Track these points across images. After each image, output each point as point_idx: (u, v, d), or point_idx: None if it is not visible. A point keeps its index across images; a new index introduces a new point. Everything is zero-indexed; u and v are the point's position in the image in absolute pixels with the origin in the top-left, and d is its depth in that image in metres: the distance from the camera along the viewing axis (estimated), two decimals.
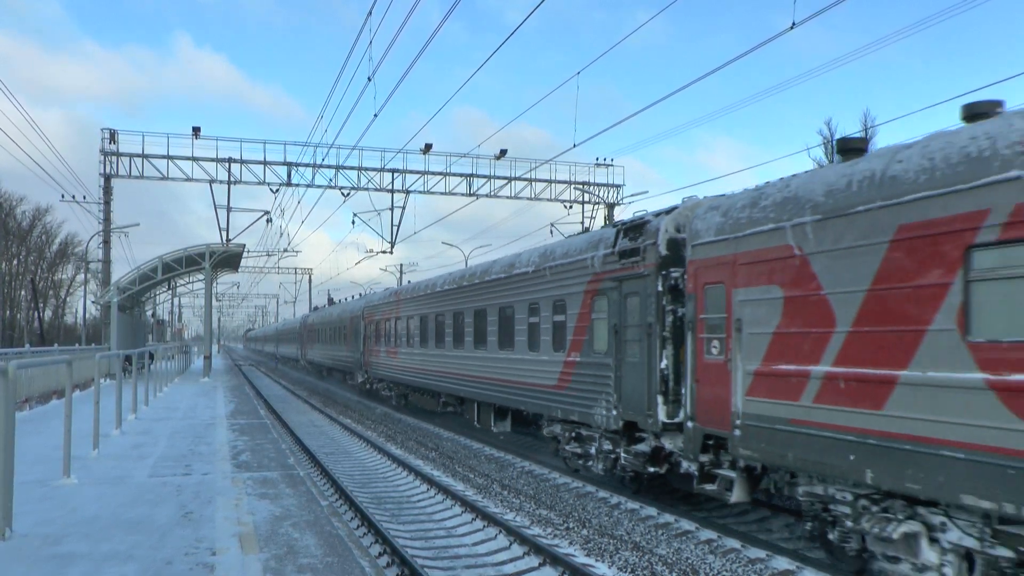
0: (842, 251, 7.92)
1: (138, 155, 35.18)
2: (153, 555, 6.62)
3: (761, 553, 9.15)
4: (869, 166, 7.92)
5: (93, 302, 53.71)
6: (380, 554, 9.53)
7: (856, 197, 7.82)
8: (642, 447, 11.46)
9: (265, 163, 36.16)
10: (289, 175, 36.42)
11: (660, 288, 10.97)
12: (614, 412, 12.01)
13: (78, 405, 13.39)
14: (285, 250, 50.57)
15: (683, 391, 10.48)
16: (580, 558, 9.30)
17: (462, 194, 38.55)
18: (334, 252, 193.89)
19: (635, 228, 11.79)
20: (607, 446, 12.48)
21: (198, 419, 18.08)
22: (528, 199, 39.84)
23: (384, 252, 39.92)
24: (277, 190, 36.77)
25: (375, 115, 21.36)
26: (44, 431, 14.94)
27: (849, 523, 8.07)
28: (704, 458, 10.03)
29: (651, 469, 11.40)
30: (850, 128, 63.41)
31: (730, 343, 9.44)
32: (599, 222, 40.23)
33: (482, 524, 11.09)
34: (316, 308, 58.91)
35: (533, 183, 39.49)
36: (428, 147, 37.57)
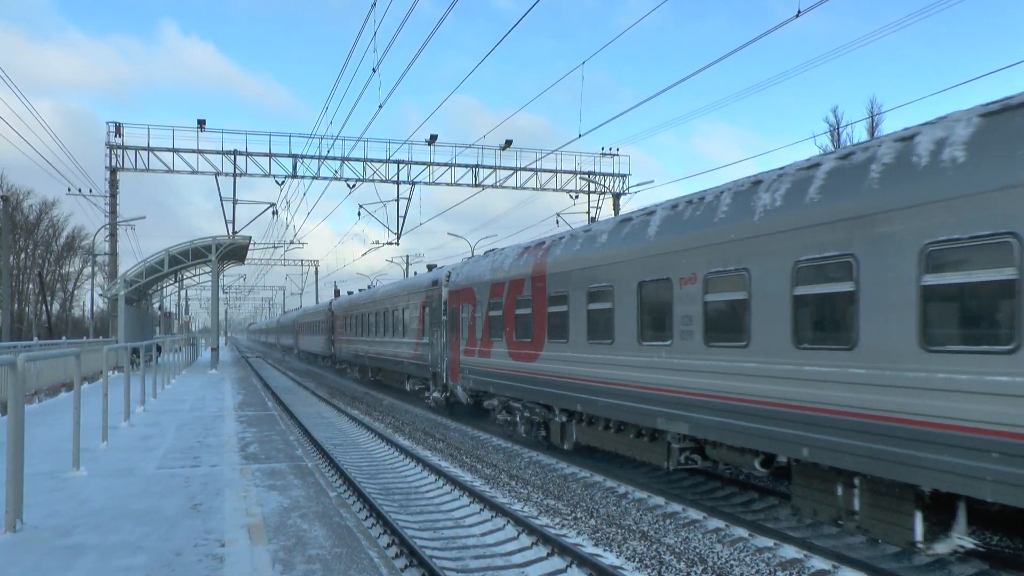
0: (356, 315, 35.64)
1: (143, 148, 35.24)
2: (162, 546, 6.64)
3: (769, 542, 9.15)
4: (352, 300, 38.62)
5: (100, 295, 53.94)
6: (389, 544, 9.55)
7: (364, 301, 34.22)
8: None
9: (271, 155, 36.18)
10: (295, 167, 36.42)
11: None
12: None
13: (86, 398, 13.43)
14: (291, 242, 50.74)
15: None
16: (588, 548, 9.31)
17: (468, 185, 38.49)
18: (340, 244, 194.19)
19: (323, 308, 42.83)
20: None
21: (206, 411, 18.15)
22: (533, 189, 39.75)
23: (390, 243, 39.98)
24: (283, 182, 36.82)
25: (380, 106, 21.33)
26: (53, 423, 15.02)
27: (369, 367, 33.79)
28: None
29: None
30: (856, 115, 63.06)
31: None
32: (606, 211, 40.18)
33: (490, 514, 11.11)
34: (286, 312, 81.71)
35: (539, 173, 39.39)
36: (433, 138, 37.51)
